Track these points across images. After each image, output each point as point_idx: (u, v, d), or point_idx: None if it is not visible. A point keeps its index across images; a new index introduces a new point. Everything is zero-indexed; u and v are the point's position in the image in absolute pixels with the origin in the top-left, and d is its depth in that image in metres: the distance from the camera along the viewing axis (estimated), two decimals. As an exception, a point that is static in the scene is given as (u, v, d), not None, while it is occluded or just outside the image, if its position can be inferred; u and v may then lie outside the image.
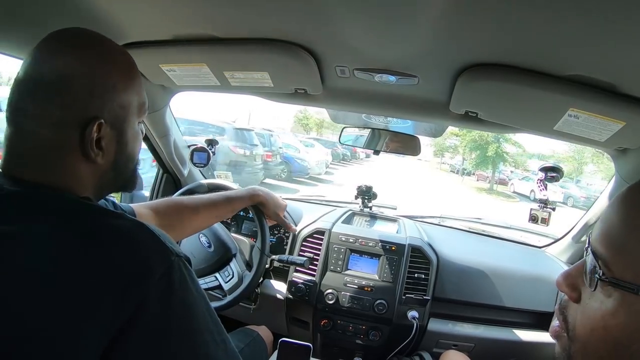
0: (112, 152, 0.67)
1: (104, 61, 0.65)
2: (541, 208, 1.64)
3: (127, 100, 0.68)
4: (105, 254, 0.55)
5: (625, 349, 0.45)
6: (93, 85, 0.62)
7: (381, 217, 2.03)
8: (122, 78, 0.67)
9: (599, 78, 0.92)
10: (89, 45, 0.65)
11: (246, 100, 39.34)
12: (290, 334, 1.73)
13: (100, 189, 0.70)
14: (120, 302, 0.52)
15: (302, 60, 1.10)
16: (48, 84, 0.60)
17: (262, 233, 1.44)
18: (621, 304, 0.45)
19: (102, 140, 0.64)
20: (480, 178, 25.09)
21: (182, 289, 0.58)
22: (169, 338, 0.55)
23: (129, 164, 0.74)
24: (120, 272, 0.54)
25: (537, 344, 1.59)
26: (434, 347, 1.61)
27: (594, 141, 1.15)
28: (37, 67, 0.61)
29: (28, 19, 0.99)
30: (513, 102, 1.09)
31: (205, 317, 0.61)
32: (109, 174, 0.69)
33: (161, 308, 0.55)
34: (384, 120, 1.73)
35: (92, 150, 0.62)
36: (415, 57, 1.04)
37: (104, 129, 0.64)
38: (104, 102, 0.64)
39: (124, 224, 0.59)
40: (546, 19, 0.72)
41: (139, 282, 0.54)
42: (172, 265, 0.57)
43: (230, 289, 1.43)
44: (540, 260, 1.88)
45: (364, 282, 1.60)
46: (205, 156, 1.86)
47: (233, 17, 0.97)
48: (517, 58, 0.94)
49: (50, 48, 0.63)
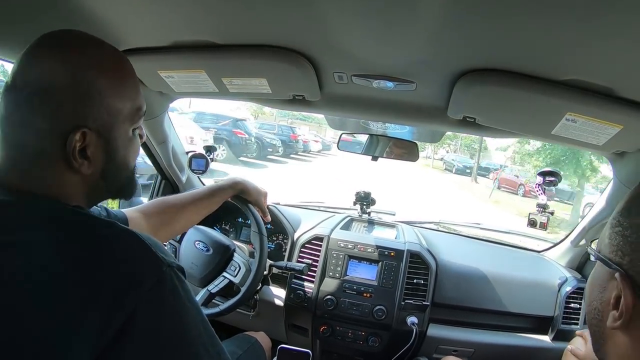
0: (99, 161, 0.64)
1: (88, 65, 0.61)
2: (540, 212, 1.65)
3: (116, 106, 0.64)
4: (94, 264, 0.53)
5: None
6: (76, 91, 0.59)
7: (379, 223, 2.03)
8: (110, 83, 0.63)
9: (596, 82, 0.93)
10: (74, 49, 0.61)
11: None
12: (289, 341, 1.73)
13: (91, 197, 0.68)
14: (109, 313, 0.51)
15: (300, 66, 1.11)
16: (32, 91, 0.58)
17: (253, 216, 1.44)
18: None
19: (88, 149, 0.61)
20: (506, 185, 17.10)
21: (173, 300, 0.57)
22: (160, 351, 0.54)
23: (121, 172, 0.70)
24: (109, 283, 0.52)
25: (537, 348, 1.59)
26: (434, 353, 1.61)
27: (592, 145, 1.15)
28: (22, 73, 0.59)
29: (25, 25, 0.99)
30: (511, 106, 1.09)
31: (198, 329, 0.59)
32: (98, 183, 0.67)
33: (152, 320, 0.54)
34: (382, 126, 1.74)
35: (74, 160, 0.60)
36: (413, 63, 1.04)
37: (89, 137, 0.61)
38: (89, 109, 0.61)
39: (114, 233, 0.58)
40: (543, 24, 0.73)
41: (129, 293, 0.52)
42: (163, 276, 0.56)
43: (241, 280, 1.43)
44: (539, 264, 1.87)
45: (363, 288, 1.59)
46: (204, 163, 1.85)
47: (231, 24, 0.97)
48: (514, 63, 0.94)
49: (35, 52, 0.60)
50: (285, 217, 1.84)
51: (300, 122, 32.37)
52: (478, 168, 20.88)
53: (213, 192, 1.33)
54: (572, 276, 1.67)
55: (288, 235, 1.79)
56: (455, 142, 25.97)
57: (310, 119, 35.49)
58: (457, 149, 26.96)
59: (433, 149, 27.13)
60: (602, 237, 0.58)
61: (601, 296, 0.55)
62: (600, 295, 0.55)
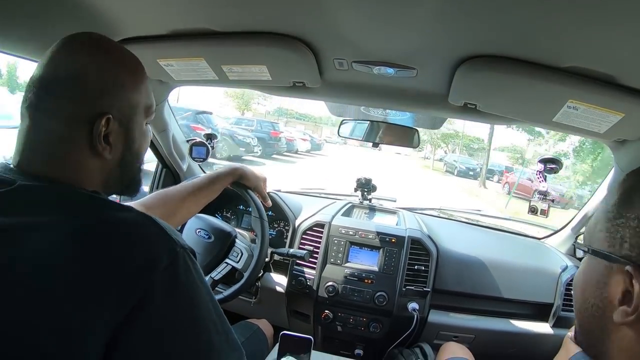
0: (119, 148, 0.70)
1: (114, 62, 0.68)
2: (540, 199, 1.64)
3: (135, 100, 0.71)
4: (113, 246, 0.57)
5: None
6: (103, 83, 0.66)
7: (380, 210, 2.04)
8: (131, 79, 0.71)
9: (597, 69, 0.92)
10: (101, 47, 0.68)
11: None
12: (291, 327, 1.74)
13: (107, 185, 0.72)
14: (126, 292, 0.54)
15: (300, 53, 1.10)
16: (61, 81, 0.63)
17: (253, 201, 1.44)
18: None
19: (110, 136, 0.67)
20: (519, 191, 14.13)
21: (186, 280, 0.60)
22: (173, 327, 0.57)
23: (135, 162, 0.77)
24: (127, 263, 0.55)
25: (537, 334, 1.60)
26: (435, 339, 1.62)
27: (593, 132, 1.15)
28: (53, 65, 0.64)
29: (25, 15, 0.98)
30: (512, 93, 1.09)
31: (209, 308, 0.62)
32: (115, 171, 0.72)
33: (166, 298, 0.57)
34: (382, 113, 1.74)
35: (99, 143, 0.65)
36: (414, 49, 1.03)
37: (112, 125, 0.66)
38: (113, 99, 0.67)
39: (131, 217, 0.62)
40: (544, 10, 0.72)
41: (145, 273, 0.56)
42: (177, 257, 0.59)
43: (244, 266, 1.44)
44: (539, 251, 1.88)
45: (364, 274, 1.60)
46: (205, 150, 1.85)
47: (230, 11, 0.96)
48: (516, 49, 0.93)
49: (64, 49, 0.66)
50: (287, 203, 1.84)
51: (296, 121, 31.96)
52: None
53: (212, 180, 1.33)
54: (572, 264, 1.67)
55: (289, 222, 1.80)
56: (454, 142, 24.58)
57: (306, 118, 35.09)
58: (455, 148, 25.56)
59: (432, 149, 25.88)
60: (592, 231, 0.57)
61: (600, 292, 0.53)
62: (598, 292, 0.53)
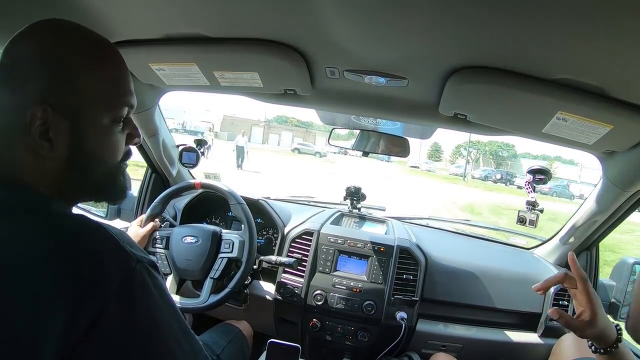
0: (63, 147, 0.59)
1: (60, 42, 0.58)
2: (529, 210, 1.66)
3: (88, 89, 0.59)
4: (60, 259, 0.50)
5: None
6: (42, 66, 0.57)
7: (370, 219, 2.04)
8: (83, 61, 0.59)
9: (587, 81, 0.94)
10: (49, 29, 0.60)
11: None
12: (278, 335, 1.73)
13: (65, 191, 0.62)
14: (77, 309, 0.48)
15: (292, 60, 1.10)
16: (3, 67, 0.58)
17: (226, 190, 1.54)
18: None
19: (50, 131, 0.57)
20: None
21: (144, 299, 0.54)
22: (129, 349, 0.52)
23: (92, 166, 0.63)
24: (77, 279, 0.49)
25: (525, 344, 1.61)
26: (423, 348, 1.62)
27: (582, 144, 1.16)
28: (3, 56, 0.58)
29: (19, 16, 0.97)
30: (502, 104, 1.10)
31: (171, 326, 0.57)
32: (66, 174, 0.61)
33: (122, 322, 0.51)
34: (373, 122, 1.74)
35: (34, 138, 0.56)
36: (405, 59, 1.04)
37: (52, 118, 0.56)
38: (55, 86, 0.57)
39: (81, 226, 0.55)
40: (535, 23, 0.73)
41: (96, 292, 0.50)
42: (132, 273, 0.53)
43: (239, 253, 1.48)
44: (528, 261, 1.89)
45: (352, 283, 1.60)
46: (195, 156, 1.84)
47: (223, 17, 0.96)
48: (506, 61, 0.94)
49: (15, 37, 0.59)
50: (276, 211, 1.84)
51: (280, 127, 31.87)
52: (508, 182, 15.78)
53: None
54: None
55: (278, 230, 1.79)
56: (477, 149, 22.59)
57: (309, 126, 35.02)
58: (478, 158, 23.40)
59: (471, 162, 22.69)
60: None
61: None
62: None
